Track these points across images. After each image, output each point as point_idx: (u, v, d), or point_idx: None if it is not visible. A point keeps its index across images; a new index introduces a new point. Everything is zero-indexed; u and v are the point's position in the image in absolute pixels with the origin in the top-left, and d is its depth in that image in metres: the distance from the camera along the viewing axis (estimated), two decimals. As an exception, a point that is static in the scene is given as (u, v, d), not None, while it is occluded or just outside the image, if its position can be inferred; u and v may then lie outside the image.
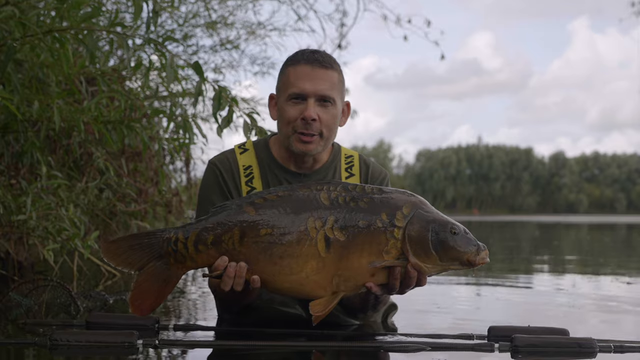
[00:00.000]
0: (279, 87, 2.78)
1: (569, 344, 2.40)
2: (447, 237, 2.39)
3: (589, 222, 38.69)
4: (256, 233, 2.35)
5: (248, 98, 7.75)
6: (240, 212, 2.38)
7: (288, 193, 2.42)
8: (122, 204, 5.43)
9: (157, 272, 2.36)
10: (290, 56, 2.79)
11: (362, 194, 2.42)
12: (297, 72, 2.71)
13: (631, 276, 5.82)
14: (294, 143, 2.71)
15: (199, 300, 3.87)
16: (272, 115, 2.83)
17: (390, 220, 2.38)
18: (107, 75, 4.64)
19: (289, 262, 2.34)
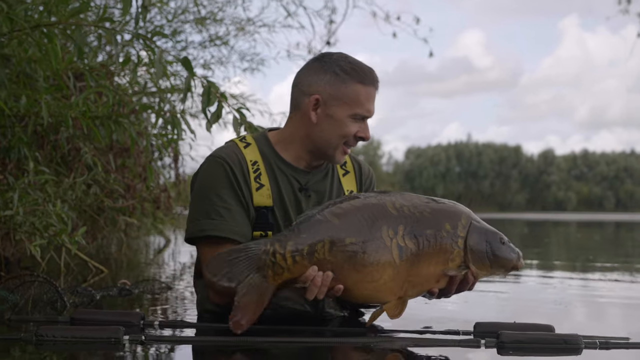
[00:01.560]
0: (337, 97, 2.71)
1: (555, 340, 2.41)
2: (499, 246, 2.58)
3: (578, 220, 38.82)
4: (342, 242, 2.42)
5: (237, 94, 7.74)
6: (327, 221, 2.44)
7: (360, 202, 2.50)
8: (110, 199, 5.41)
9: (256, 285, 2.38)
10: (355, 69, 2.73)
11: (423, 203, 2.55)
12: (367, 93, 2.73)
13: (619, 274, 5.84)
14: (338, 155, 2.77)
15: (186, 296, 3.86)
16: (312, 118, 2.73)
17: (454, 230, 2.52)
18: (95, 70, 4.62)
19: (371, 270, 2.42)
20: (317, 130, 2.74)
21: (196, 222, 2.69)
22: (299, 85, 2.80)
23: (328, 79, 2.72)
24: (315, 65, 2.78)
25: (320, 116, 2.73)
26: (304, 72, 2.80)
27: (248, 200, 2.72)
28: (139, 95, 5.40)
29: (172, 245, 8.60)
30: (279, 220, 2.75)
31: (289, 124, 2.83)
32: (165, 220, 8.14)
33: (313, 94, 2.72)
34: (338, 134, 2.73)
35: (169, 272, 5.36)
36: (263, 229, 2.72)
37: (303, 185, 2.81)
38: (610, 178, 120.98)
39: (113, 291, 3.71)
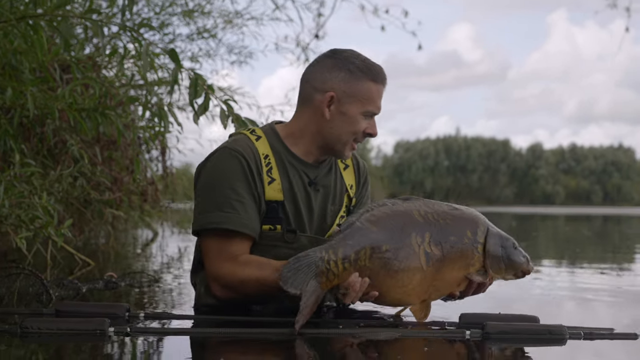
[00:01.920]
0: (350, 94, 2.75)
1: (540, 330, 2.42)
2: (512, 251, 2.70)
3: (566, 214, 38.95)
4: (380, 249, 2.52)
5: (225, 87, 7.73)
6: (366, 229, 2.53)
7: (390, 209, 2.60)
8: (97, 192, 5.39)
9: (314, 291, 2.43)
10: (368, 67, 2.78)
11: (443, 210, 2.66)
12: (378, 90, 2.79)
13: (606, 266, 5.87)
14: (347, 150, 2.82)
15: (173, 288, 3.86)
16: (326, 114, 2.76)
17: (474, 236, 2.64)
18: (82, 62, 4.61)
19: (402, 276, 2.52)
20: (329, 127, 2.78)
21: (208, 214, 2.68)
22: (311, 81, 2.81)
23: (342, 76, 2.75)
24: (328, 62, 2.80)
25: (333, 113, 2.76)
26: (317, 69, 2.81)
27: (260, 194, 2.73)
28: (126, 88, 5.39)
29: (159, 238, 8.58)
30: (289, 214, 2.78)
31: (299, 119, 2.85)
32: (152, 213, 8.12)
33: (328, 91, 2.75)
34: (349, 130, 2.77)
35: (157, 265, 5.35)
36: (272, 223, 2.75)
37: (312, 179, 2.84)
38: (598, 172, 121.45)
39: (99, 284, 3.70)
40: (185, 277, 4.43)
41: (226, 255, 2.67)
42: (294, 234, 2.77)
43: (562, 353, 2.28)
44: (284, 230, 2.76)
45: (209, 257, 2.69)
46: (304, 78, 2.85)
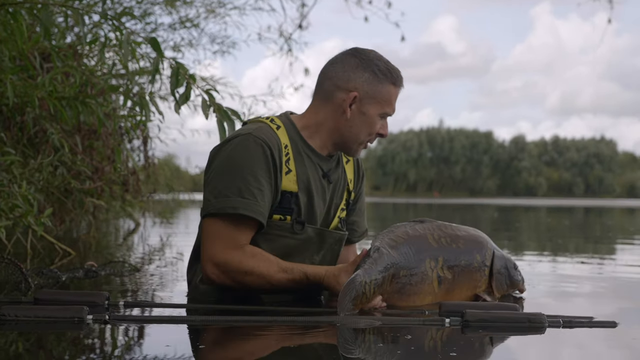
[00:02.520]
0: (372, 96, 2.80)
1: (519, 318, 2.42)
2: (513, 272, 3.01)
3: (548, 205, 39.14)
4: (398, 274, 2.68)
5: (208, 77, 7.70)
6: (389, 254, 2.65)
7: (406, 233, 2.76)
8: (77, 181, 5.36)
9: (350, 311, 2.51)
10: (390, 70, 2.83)
11: (455, 234, 2.86)
12: (396, 94, 2.87)
13: (586, 256, 5.90)
14: (360, 149, 2.90)
15: (154, 278, 3.85)
16: (347, 113, 2.80)
17: (482, 259, 2.90)
18: (63, 51, 4.58)
19: (414, 299, 2.72)
20: (349, 125, 2.82)
21: (227, 199, 2.66)
22: (333, 78, 2.84)
23: (367, 77, 2.80)
24: (352, 61, 2.83)
25: (354, 112, 2.81)
26: (340, 67, 2.84)
27: (278, 185, 2.74)
28: (107, 77, 5.36)
29: (141, 229, 8.55)
30: (301, 205, 2.80)
31: (317, 112, 2.87)
32: (134, 204, 8.09)
33: (352, 91, 2.79)
34: (367, 130, 2.84)
35: (138, 255, 5.33)
36: (283, 213, 2.77)
37: (326, 172, 2.88)
38: (580, 164, 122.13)
39: (79, 273, 3.68)
40: (167, 267, 4.42)
41: (236, 243, 2.68)
42: (302, 226, 2.80)
43: (541, 341, 2.28)
44: (293, 222, 2.78)
45: (216, 240, 2.68)
46: (326, 74, 2.87)
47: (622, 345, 2.28)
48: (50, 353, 2.01)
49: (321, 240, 2.87)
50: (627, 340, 2.34)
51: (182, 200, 10.94)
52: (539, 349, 2.22)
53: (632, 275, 4.39)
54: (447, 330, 2.35)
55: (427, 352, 2.13)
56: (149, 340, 2.19)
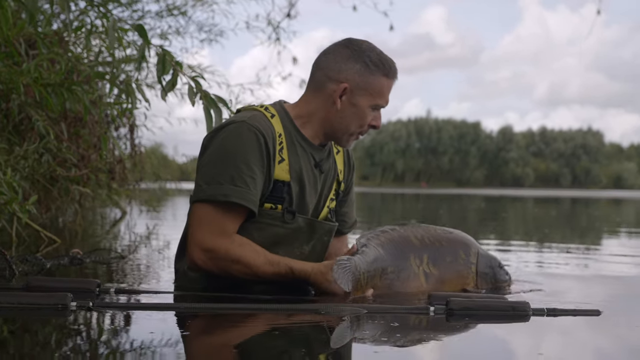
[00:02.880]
0: (363, 87, 2.79)
1: (503, 307, 2.43)
2: (498, 270, 3.08)
3: (535, 196, 39.27)
4: (386, 270, 2.77)
5: (195, 65, 7.67)
6: (377, 251, 2.76)
7: (390, 235, 2.86)
8: (63, 169, 5.34)
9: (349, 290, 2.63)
10: (382, 62, 2.82)
11: (438, 234, 2.95)
12: (389, 85, 2.85)
13: (572, 246, 5.92)
14: (351, 140, 2.90)
15: (140, 265, 3.84)
16: (337, 104, 2.80)
17: (467, 257, 2.98)
18: (48, 37, 4.55)
19: (403, 296, 2.74)
20: (339, 116, 2.82)
21: (219, 186, 2.65)
22: (325, 69, 2.83)
23: (358, 68, 2.79)
24: (344, 52, 2.82)
25: (344, 103, 2.80)
26: (332, 57, 2.83)
27: (271, 174, 2.73)
28: (93, 64, 5.33)
29: (127, 217, 8.53)
30: (293, 195, 2.79)
31: (308, 102, 2.86)
32: (120, 192, 8.07)
33: (342, 82, 2.79)
34: (357, 122, 2.83)
35: (124, 243, 5.32)
36: (275, 202, 2.76)
37: (318, 161, 2.88)
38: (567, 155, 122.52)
39: (64, 260, 3.66)
40: (153, 255, 4.41)
41: (225, 230, 2.67)
42: (293, 215, 2.79)
43: (525, 329, 2.29)
44: (284, 211, 2.78)
45: (205, 226, 2.67)
46: (318, 64, 2.86)
47: (605, 333, 2.29)
48: (33, 339, 2.00)
49: (311, 230, 2.87)
50: (610, 328, 2.35)
51: (169, 189, 10.90)
52: (522, 336, 2.23)
53: (617, 265, 4.40)
54: (433, 319, 2.35)
55: (413, 339, 2.13)
56: (132, 327, 2.18)
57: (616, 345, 2.13)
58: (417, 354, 1.97)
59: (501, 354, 2.01)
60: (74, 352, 1.84)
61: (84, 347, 1.90)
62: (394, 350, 1.96)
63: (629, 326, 2.40)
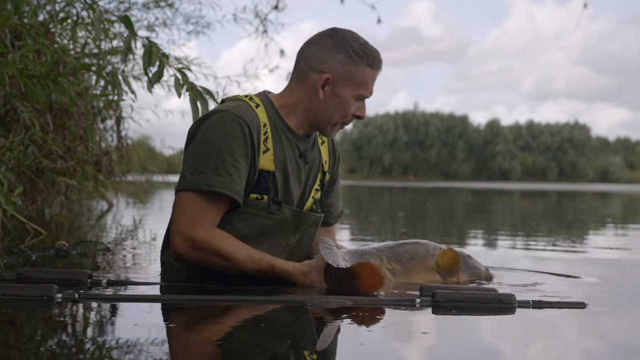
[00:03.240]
0: (346, 77, 2.78)
1: (489, 299, 2.43)
2: (468, 261, 3.04)
3: (522, 189, 39.38)
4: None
5: (182, 57, 7.65)
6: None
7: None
8: (49, 161, 5.31)
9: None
10: (366, 52, 2.80)
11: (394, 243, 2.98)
12: (373, 76, 2.83)
13: (559, 239, 5.95)
14: (334, 130, 2.88)
15: (126, 257, 3.83)
16: (320, 94, 2.79)
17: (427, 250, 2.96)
18: (34, 28, 4.52)
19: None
20: (322, 107, 2.81)
21: (202, 175, 2.64)
22: (308, 59, 2.82)
23: (340, 59, 2.77)
24: (327, 42, 2.81)
25: (327, 94, 2.79)
26: (315, 47, 2.82)
27: (256, 164, 2.72)
28: (79, 56, 5.30)
29: (114, 210, 8.51)
30: (278, 185, 2.78)
31: (292, 92, 2.86)
32: (107, 184, 8.04)
33: (324, 72, 2.78)
34: (340, 112, 2.82)
35: (111, 236, 5.31)
36: (260, 192, 2.75)
37: (302, 152, 2.87)
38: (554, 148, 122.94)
39: (50, 252, 3.65)
40: (140, 248, 4.40)
41: (207, 221, 2.66)
42: (279, 206, 2.78)
43: (510, 321, 2.30)
44: (270, 201, 2.77)
45: (188, 216, 2.66)
46: (302, 54, 2.85)
47: (590, 325, 2.30)
48: (17, 331, 1.99)
49: (297, 221, 2.87)
50: (595, 320, 2.36)
51: (156, 182, 10.88)
52: (508, 328, 2.23)
53: (603, 257, 4.42)
54: (418, 310, 2.35)
55: (398, 330, 2.13)
56: (117, 319, 2.18)
57: (600, 338, 2.14)
58: (402, 346, 1.97)
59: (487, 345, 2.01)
60: (58, 344, 1.83)
61: (67, 339, 1.89)
62: (379, 342, 1.96)
63: (614, 319, 2.41)
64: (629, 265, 4.07)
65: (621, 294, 2.97)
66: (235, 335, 2.03)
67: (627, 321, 2.38)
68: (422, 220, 8.83)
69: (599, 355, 1.93)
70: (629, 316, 2.47)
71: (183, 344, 1.92)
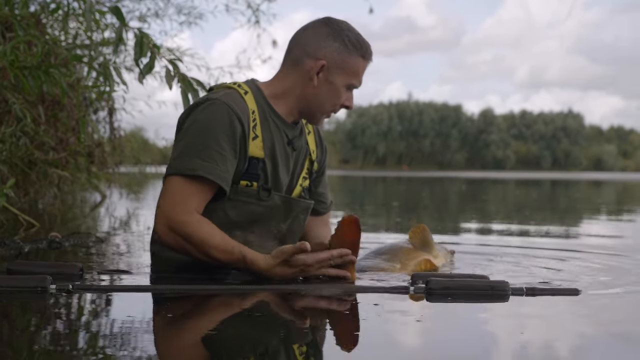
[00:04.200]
0: (340, 66, 2.80)
1: (483, 286, 2.44)
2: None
3: (516, 178, 39.45)
4: None
5: (174, 48, 7.63)
6: None
7: None
8: (41, 152, 5.30)
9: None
10: (360, 42, 2.83)
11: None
12: (364, 66, 2.87)
13: (553, 227, 5.96)
14: (323, 118, 2.89)
15: (120, 248, 3.82)
16: (314, 81, 2.80)
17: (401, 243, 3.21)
18: (25, 19, 4.50)
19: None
20: (314, 93, 2.81)
21: (187, 160, 2.62)
22: (303, 45, 2.82)
23: (336, 47, 2.80)
24: (323, 30, 2.83)
25: (321, 80, 2.80)
26: (311, 34, 2.83)
27: (247, 150, 2.71)
28: (71, 47, 5.28)
29: (107, 201, 8.49)
30: (268, 172, 2.78)
31: (284, 79, 2.86)
32: (100, 176, 8.02)
33: (320, 59, 2.78)
34: (332, 100, 2.83)
35: (104, 227, 5.30)
36: (250, 179, 2.74)
37: (290, 139, 2.87)
38: (547, 137, 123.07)
39: (42, 244, 3.64)
40: (133, 239, 4.40)
41: (188, 204, 2.62)
42: (269, 193, 2.78)
43: (504, 308, 2.30)
44: (260, 188, 2.76)
45: (168, 198, 2.63)
46: (296, 41, 2.86)
47: (584, 312, 2.30)
48: (12, 322, 1.99)
49: (288, 208, 2.86)
50: (588, 307, 2.36)
51: (149, 173, 10.86)
52: (502, 315, 2.24)
53: (596, 245, 4.43)
54: (413, 298, 2.35)
55: (393, 318, 2.13)
56: (111, 309, 2.18)
57: (594, 324, 2.14)
58: (397, 333, 1.97)
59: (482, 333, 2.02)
60: (52, 334, 1.83)
61: (62, 329, 1.89)
62: (374, 330, 1.97)
63: (607, 305, 2.41)
64: (622, 251, 4.08)
65: (614, 281, 2.97)
66: (227, 325, 2.03)
67: (621, 306, 2.39)
68: (416, 210, 8.84)
69: (592, 340, 1.94)
70: (622, 301, 2.48)
71: (175, 333, 1.91)
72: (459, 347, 1.82)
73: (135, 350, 1.66)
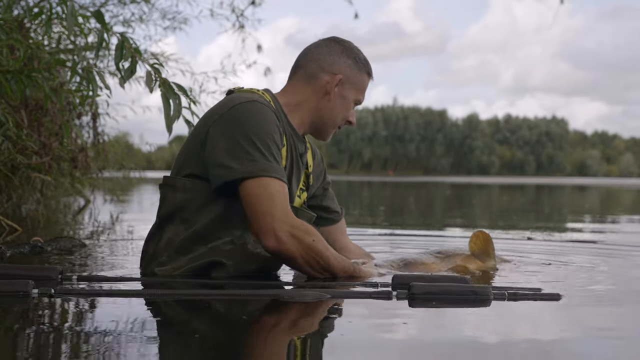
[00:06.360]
0: (353, 82, 2.94)
1: (465, 291, 2.44)
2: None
3: (500, 183, 39.57)
4: None
5: (158, 53, 7.62)
6: None
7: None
8: (23, 156, 5.27)
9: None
10: (367, 61, 3.00)
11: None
12: (368, 83, 3.03)
13: (537, 232, 5.98)
14: (332, 132, 3.00)
15: (103, 253, 3.81)
16: (330, 94, 2.89)
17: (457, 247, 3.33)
18: (8, 23, 4.48)
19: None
20: (329, 107, 2.91)
21: (267, 164, 2.58)
22: (318, 61, 2.92)
23: (350, 63, 2.94)
24: (337, 47, 2.96)
25: (336, 94, 2.91)
26: (326, 51, 2.94)
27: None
28: (54, 51, 5.26)
29: (91, 206, 8.46)
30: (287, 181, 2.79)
31: (296, 93, 2.91)
32: (83, 181, 7.99)
33: (337, 74, 2.90)
34: (343, 114, 2.95)
35: (87, 232, 5.27)
36: None
37: (301, 152, 2.94)
38: (532, 143, 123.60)
39: (25, 248, 3.62)
40: (116, 243, 4.38)
41: (289, 207, 2.62)
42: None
43: (485, 313, 2.31)
44: None
45: (282, 206, 2.57)
46: (310, 57, 2.94)
47: (565, 317, 2.31)
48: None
49: None
50: (569, 312, 2.37)
51: (133, 178, 10.82)
52: (483, 320, 2.24)
53: (578, 250, 4.45)
54: (395, 303, 2.35)
55: (376, 323, 2.13)
56: (95, 314, 2.16)
57: (574, 329, 2.15)
58: (380, 337, 1.97)
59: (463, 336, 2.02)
60: (35, 340, 1.82)
61: (44, 335, 1.87)
62: (358, 333, 1.97)
63: (588, 311, 2.42)
64: (605, 255, 4.09)
65: (595, 287, 2.98)
66: (213, 330, 2.02)
67: (602, 311, 2.40)
68: (402, 215, 8.85)
69: (573, 342, 1.94)
70: (602, 306, 2.49)
71: (160, 337, 1.90)
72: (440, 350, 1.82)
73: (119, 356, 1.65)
